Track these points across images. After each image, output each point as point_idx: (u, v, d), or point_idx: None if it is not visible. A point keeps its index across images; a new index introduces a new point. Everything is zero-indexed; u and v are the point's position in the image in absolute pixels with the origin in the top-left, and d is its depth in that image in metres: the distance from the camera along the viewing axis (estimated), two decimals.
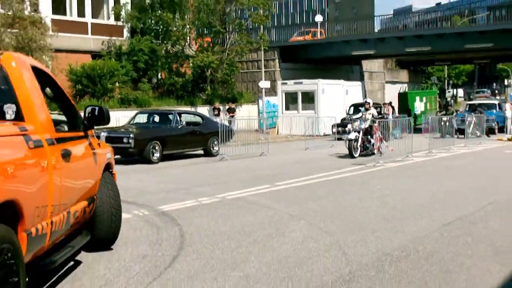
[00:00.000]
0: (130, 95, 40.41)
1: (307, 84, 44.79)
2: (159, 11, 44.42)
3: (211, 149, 27.10)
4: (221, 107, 40.99)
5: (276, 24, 56.97)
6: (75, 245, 7.71)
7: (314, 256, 8.82)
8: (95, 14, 44.97)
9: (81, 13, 43.64)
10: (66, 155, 7.05)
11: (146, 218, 11.89)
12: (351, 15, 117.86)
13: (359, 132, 24.57)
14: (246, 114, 43.60)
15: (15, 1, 34.15)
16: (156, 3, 44.46)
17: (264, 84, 45.36)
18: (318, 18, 74.26)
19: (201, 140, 26.87)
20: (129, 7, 45.54)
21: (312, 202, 13.85)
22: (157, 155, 23.92)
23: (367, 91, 58.45)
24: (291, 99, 45.05)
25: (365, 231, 10.52)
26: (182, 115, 27.37)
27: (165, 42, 44.74)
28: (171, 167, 22.99)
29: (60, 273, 7.86)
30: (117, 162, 11.94)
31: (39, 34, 34.43)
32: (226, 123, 30.39)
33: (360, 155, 24.57)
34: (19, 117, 6.45)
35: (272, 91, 47.18)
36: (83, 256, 8.92)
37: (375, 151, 24.88)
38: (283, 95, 45.05)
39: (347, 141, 24.61)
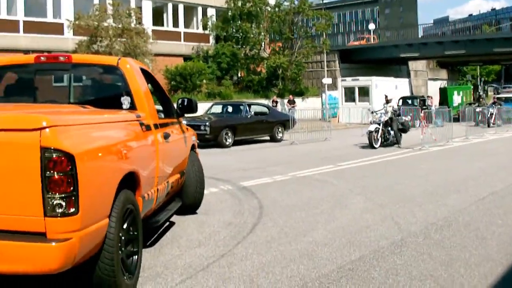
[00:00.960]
0: (215, 90, 40.68)
1: (362, 81, 44.66)
2: (239, 22, 44.58)
3: (276, 135, 26.87)
4: (278, 100, 40.83)
5: (335, 31, 56.55)
6: (171, 209, 8.11)
7: (371, 225, 8.76)
8: (187, 24, 45.31)
9: (175, 24, 44.07)
10: (167, 137, 7.54)
11: (230, 192, 11.96)
12: (398, 24, 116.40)
13: (379, 124, 22.33)
14: (311, 106, 43.38)
15: (124, 16, 34.69)
16: (236, 15, 44.59)
17: (327, 80, 45.38)
18: (371, 26, 73.70)
19: (268, 127, 26.64)
20: (214, 18, 45.81)
21: (367, 180, 13.74)
22: (229, 140, 23.95)
23: (413, 87, 57.68)
24: (349, 93, 44.94)
25: (413, 204, 10.41)
26: (251, 106, 27.16)
27: (244, 46, 44.86)
28: (245, 150, 23.10)
29: (159, 233, 7.99)
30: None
31: (142, 42, 34.97)
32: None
33: (382, 146, 22.16)
34: (132, 107, 6.97)
35: (333, 86, 46.96)
36: (179, 221, 9.05)
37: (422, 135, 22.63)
38: (343, 89, 45.00)
39: (368, 133, 22.25)
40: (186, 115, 9.06)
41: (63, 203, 4.44)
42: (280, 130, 27.07)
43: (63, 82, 7.95)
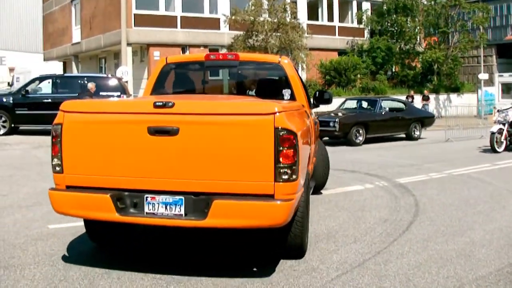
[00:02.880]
0: (369, 85, 40.31)
1: None
2: (394, 15, 43.89)
3: (412, 133, 25.15)
4: (414, 95, 39.45)
5: (492, 25, 54.46)
6: (311, 185, 8.57)
7: None
8: (341, 19, 45.14)
9: (330, 18, 43.97)
10: (315, 123, 8.80)
11: (386, 188, 11.86)
12: None
13: (504, 125, 19.26)
14: (466, 102, 42.02)
15: (279, 10, 35.10)
16: (392, 9, 43.86)
17: (483, 76, 43.73)
18: None
19: (403, 125, 24.95)
20: (369, 12, 45.40)
21: None
22: (360, 138, 22.54)
23: None
24: (506, 89, 43.38)
25: None
26: (386, 101, 25.64)
27: (399, 41, 44.07)
28: (382, 147, 22.66)
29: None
30: (325, 143, 12.02)
31: (298, 36, 35.11)
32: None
33: (506, 149, 19.25)
34: (292, 98, 7.99)
35: (489, 82, 45.31)
36: (335, 216, 9.10)
37: None
38: (500, 85, 43.42)
39: (490, 134, 19.46)
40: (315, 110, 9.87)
41: (289, 171, 5.56)
42: (417, 127, 25.49)
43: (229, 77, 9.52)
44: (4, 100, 23.51)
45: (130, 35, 32.95)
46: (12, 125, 23.40)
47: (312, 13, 43.09)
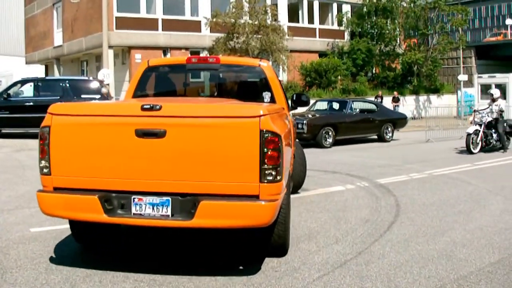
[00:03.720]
0: (350, 86, 40.43)
1: (499, 78, 42.90)
2: (374, 17, 44.06)
3: (384, 135, 24.65)
4: (383, 96, 39.35)
5: (471, 26, 54.78)
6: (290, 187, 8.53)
7: (511, 227, 8.47)
8: (322, 21, 45.20)
9: (311, 20, 44.01)
10: (294, 125, 8.98)
11: (366, 189, 11.88)
12: None
13: (480, 126, 19.25)
14: (446, 103, 42.26)
15: (260, 13, 35.12)
16: (372, 11, 44.04)
17: (462, 77, 44.10)
18: (509, 21, 70.68)
19: (375, 126, 24.46)
20: (349, 14, 45.51)
21: (506, 180, 13.26)
22: (329, 140, 21.86)
23: None
24: (485, 90, 43.37)
25: None
26: (357, 102, 25.48)
27: (379, 43, 44.22)
28: (353, 149, 22.62)
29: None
30: None
31: (278, 38, 35.13)
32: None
33: (482, 150, 19.23)
34: (272, 100, 8.20)
35: (469, 83, 45.58)
36: (316, 217, 9.09)
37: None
38: (479, 86, 43.63)
39: (466, 135, 19.32)
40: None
41: (273, 172, 5.73)
42: (389, 129, 24.99)
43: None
44: None
45: (111, 37, 32.80)
46: None
47: (293, 15, 43.16)
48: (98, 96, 23.07)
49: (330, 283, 5.97)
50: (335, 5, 45.98)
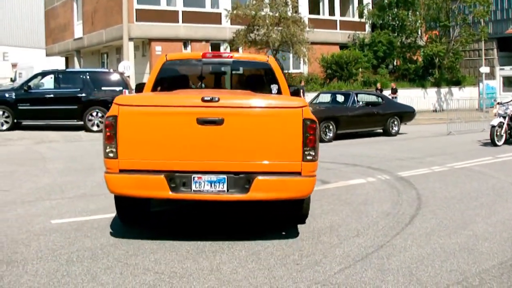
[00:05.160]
0: (371, 78, 40.26)
1: None
2: (396, 9, 43.77)
3: (390, 129, 23.72)
4: (382, 89, 38.73)
5: (493, 18, 54.35)
6: None
7: None
8: (343, 13, 45.05)
9: (331, 12, 43.89)
10: None
11: (388, 182, 11.82)
12: None
13: (504, 118, 19.08)
14: (468, 95, 42.00)
15: (281, 5, 35.05)
16: (393, 2, 43.70)
17: (484, 69, 43.71)
18: None
19: (380, 120, 23.51)
20: (370, 6, 45.29)
21: None
22: (329, 134, 20.93)
23: None
24: (507, 82, 43.18)
25: None
26: (361, 95, 24.47)
27: (400, 35, 43.94)
28: (358, 144, 22.55)
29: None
30: None
31: (299, 30, 35.00)
32: None
33: (506, 143, 19.12)
34: (280, 92, 8.91)
35: (491, 75, 45.21)
36: (338, 210, 9.07)
37: None
38: (501, 79, 43.27)
39: (490, 128, 19.17)
40: None
41: (312, 153, 6.82)
42: (395, 123, 24.05)
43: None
44: (7, 95, 23.47)
45: (131, 30, 32.88)
46: (15, 121, 23.32)
47: (314, 7, 43.01)
48: (120, 88, 23.14)
49: (352, 276, 5.96)
50: None
